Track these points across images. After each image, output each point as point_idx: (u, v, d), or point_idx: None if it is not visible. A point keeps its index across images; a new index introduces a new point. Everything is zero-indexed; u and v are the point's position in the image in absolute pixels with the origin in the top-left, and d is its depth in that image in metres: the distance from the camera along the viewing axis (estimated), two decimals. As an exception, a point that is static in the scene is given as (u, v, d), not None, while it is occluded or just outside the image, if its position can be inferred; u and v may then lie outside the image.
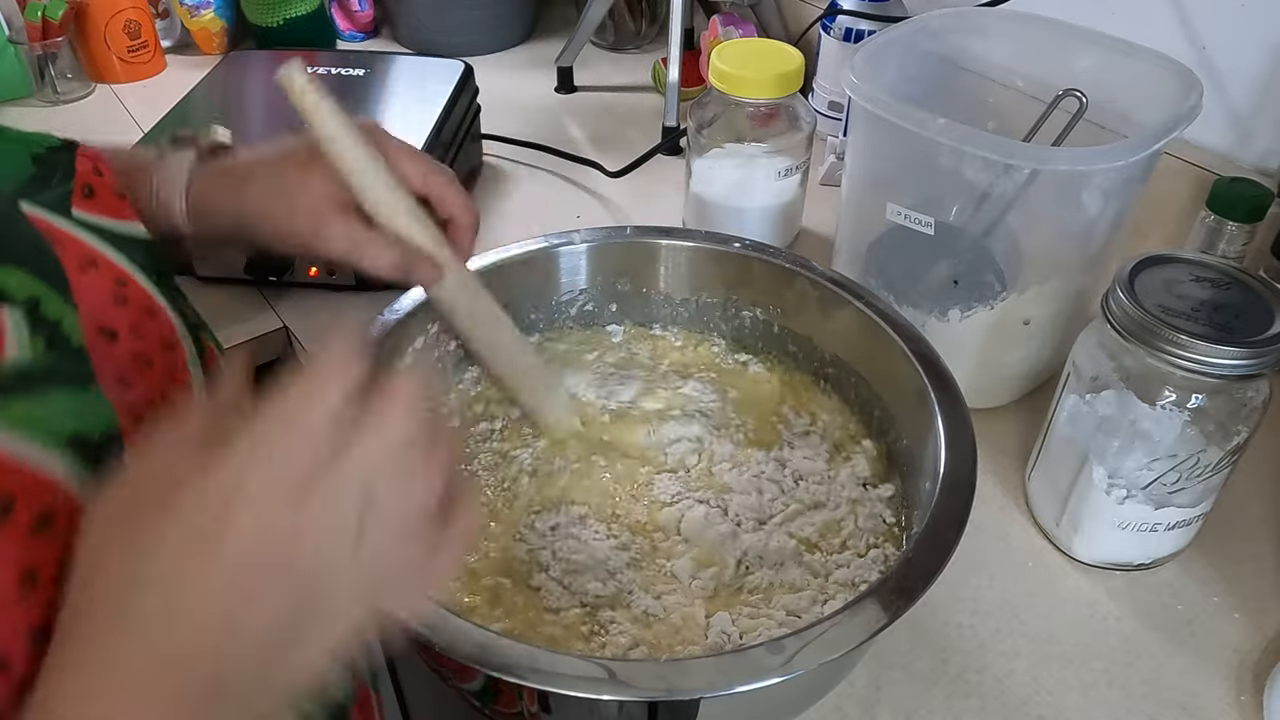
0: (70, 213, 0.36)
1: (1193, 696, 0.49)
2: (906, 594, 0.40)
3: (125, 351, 0.35)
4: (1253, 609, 0.53)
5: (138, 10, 1.04)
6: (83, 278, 0.34)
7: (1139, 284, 0.49)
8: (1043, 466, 0.57)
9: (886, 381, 0.55)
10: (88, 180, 0.38)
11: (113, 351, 0.34)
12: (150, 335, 0.36)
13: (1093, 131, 0.61)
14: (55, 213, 0.35)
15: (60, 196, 0.36)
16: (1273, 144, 0.70)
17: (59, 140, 0.38)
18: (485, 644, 0.38)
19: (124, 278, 0.37)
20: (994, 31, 0.68)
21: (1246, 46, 0.69)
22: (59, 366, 0.31)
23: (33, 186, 0.36)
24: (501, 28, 1.16)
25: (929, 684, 0.50)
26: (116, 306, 0.35)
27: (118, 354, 0.34)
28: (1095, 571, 0.55)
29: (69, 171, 0.37)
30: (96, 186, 0.38)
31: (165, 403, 0.36)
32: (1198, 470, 0.50)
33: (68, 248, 0.35)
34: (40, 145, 0.38)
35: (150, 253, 0.39)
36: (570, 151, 0.91)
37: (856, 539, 0.51)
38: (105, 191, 0.39)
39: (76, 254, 0.35)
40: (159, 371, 0.36)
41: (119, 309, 0.35)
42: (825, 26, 0.90)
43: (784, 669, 0.37)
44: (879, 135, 0.62)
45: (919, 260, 0.63)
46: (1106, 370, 0.51)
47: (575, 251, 0.61)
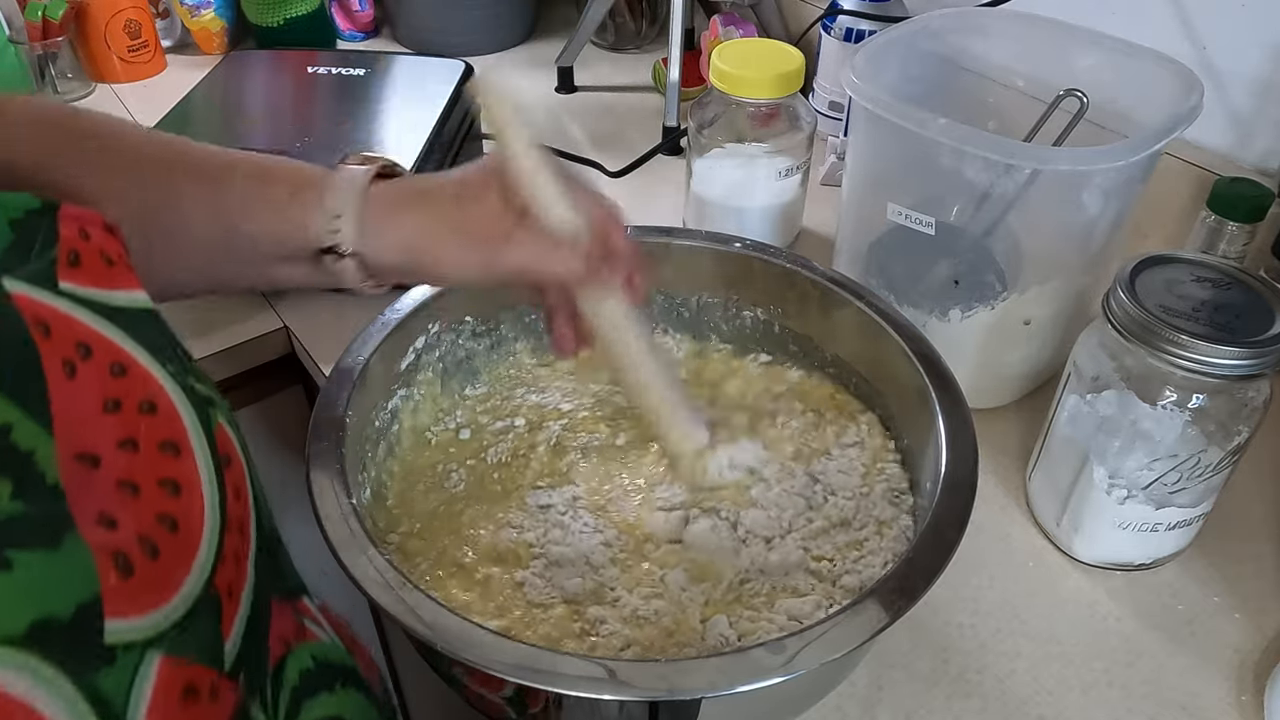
0: (57, 286, 0.32)
1: (1193, 696, 0.49)
2: (908, 594, 0.40)
3: (108, 478, 0.30)
4: (1253, 609, 0.53)
5: (138, 10, 1.04)
6: (69, 384, 0.30)
7: (1140, 284, 0.49)
8: (1043, 466, 0.57)
9: (887, 381, 0.55)
10: (73, 246, 0.34)
11: (93, 481, 0.30)
12: (146, 442, 0.32)
13: (1093, 132, 0.61)
14: (42, 288, 0.31)
15: (44, 268, 0.32)
16: (1273, 144, 0.70)
17: (39, 202, 0.34)
18: (486, 644, 0.38)
19: (122, 363, 0.33)
20: (995, 32, 0.68)
21: (1247, 46, 0.69)
22: (26, 519, 0.27)
23: (12, 258, 0.32)
24: (502, 28, 1.16)
25: (930, 684, 0.50)
26: (105, 415, 0.31)
27: (99, 484, 0.30)
28: (1096, 571, 0.55)
29: (51, 237, 0.33)
30: (83, 253, 0.34)
31: (157, 534, 0.31)
32: (1198, 470, 0.50)
33: (59, 332, 0.31)
34: (18, 209, 0.33)
35: (153, 324, 0.36)
36: (570, 151, 0.91)
37: (875, 555, 0.50)
38: (93, 258, 0.34)
39: (69, 341, 0.31)
40: (149, 498, 0.32)
41: (107, 420, 0.31)
42: (826, 26, 0.90)
43: (785, 669, 0.37)
44: (880, 135, 0.62)
45: (920, 260, 0.63)
46: (1107, 370, 0.51)
47: (576, 251, 0.61)
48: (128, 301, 0.35)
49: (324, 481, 0.45)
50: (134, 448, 0.32)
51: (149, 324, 0.35)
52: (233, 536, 0.35)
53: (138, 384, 0.33)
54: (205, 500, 0.34)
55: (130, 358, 0.33)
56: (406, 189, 0.46)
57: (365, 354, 0.51)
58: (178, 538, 0.32)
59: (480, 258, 0.45)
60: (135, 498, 0.31)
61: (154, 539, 0.31)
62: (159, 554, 0.31)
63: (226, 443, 0.36)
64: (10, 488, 0.27)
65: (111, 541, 0.29)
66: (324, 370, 0.67)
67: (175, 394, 0.34)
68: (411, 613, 0.39)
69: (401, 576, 0.40)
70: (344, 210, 0.44)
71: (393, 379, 0.55)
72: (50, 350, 0.30)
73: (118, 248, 0.36)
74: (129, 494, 0.31)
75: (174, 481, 0.33)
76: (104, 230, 0.35)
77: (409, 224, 0.45)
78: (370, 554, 0.41)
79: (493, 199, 0.45)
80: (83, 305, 0.33)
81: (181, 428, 0.34)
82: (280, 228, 0.45)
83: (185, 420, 0.34)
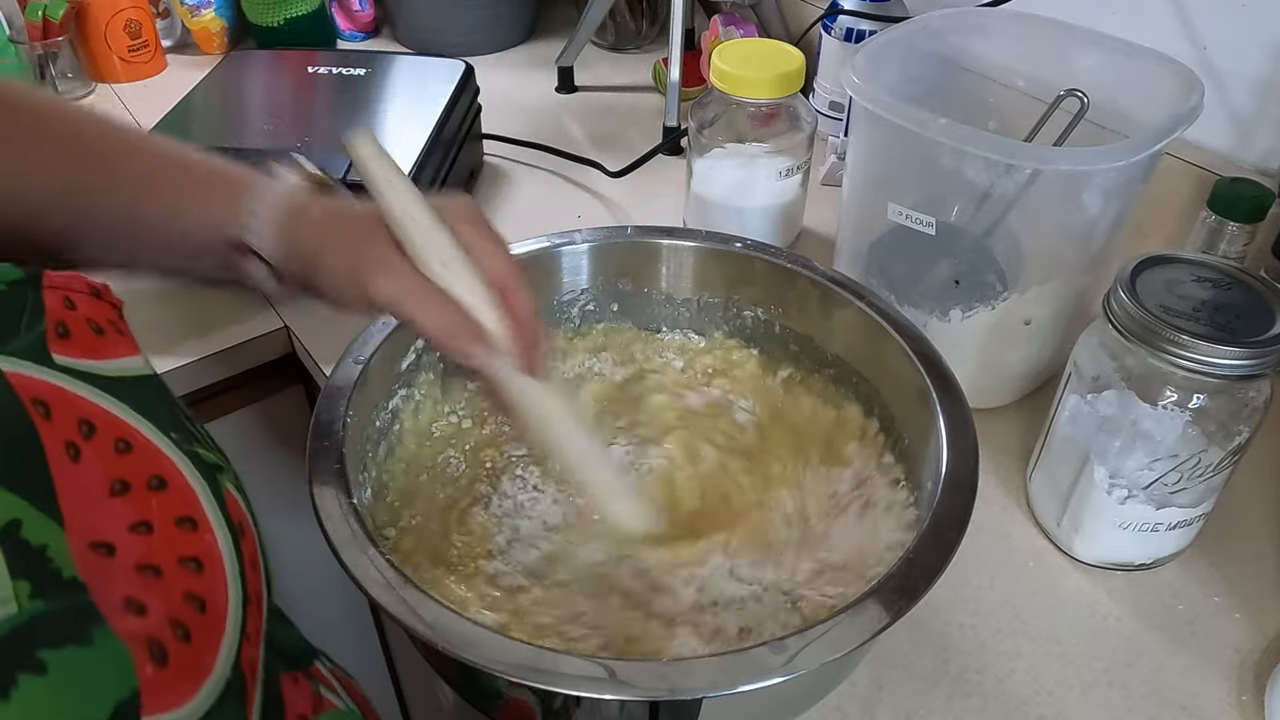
0: (52, 360, 0.31)
1: (1193, 696, 0.49)
2: (908, 594, 0.40)
3: (127, 564, 0.29)
4: (1254, 609, 0.53)
5: (138, 10, 1.04)
6: (74, 469, 0.28)
7: (1140, 284, 0.49)
8: (1044, 466, 0.57)
9: (888, 381, 0.55)
10: (59, 317, 0.32)
11: (111, 570, 0.28)
12: (160, 520, 0.31)
13: (1094, 132, 0.61)
14: (36, 363, 0.30)
15: (35, 341, 0.31)
16: (1273, 144, 0.70)
17: (20, 272, 0.32)
18: (486, 644, 0.38)
19: (126, 438, 0.31)
20: (995, 32, 0.68)
21: (1247, 47, 0.69)
22: (51, 616, 0.25)
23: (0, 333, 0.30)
24: (502, 28, 1.16)
25: (930, 684, 0.50)
26: (114, 499, 0.29)
27: (118, 571, 0.28)
28: (1096, 571, 0.55)
29: (38, 309, 0.31)
30: (70, 323, 0.32)
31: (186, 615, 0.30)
32: (1199, 470, 0.50)
33: (59, 412, 0.29)
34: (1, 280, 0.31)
35: (151, 391, 0.34)
36: (571, 151, 0.91)
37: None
38: (81, 328, 0.33)
39: (70, 419, 0.29)
40: (172, 578, 0.30)
41: (116, 503, 0.29)
42: (826, 26, 0.90)
43: (786, 668, 0.37)
44: (880, 135, 0.62)
45: (920, 260, 0.63)
46: (1108, 370, 0.51)
47: (576, 251, 0.61)
48: (122, 370, 0.33)
49: (324, 481, 0.44)
50: (148, 529, 0.30)
51: (148, 391, 0.34)
52: (253, 610, 0.33)
53: (144, 459, 0.31)
54: (227, 574, 0.32)
55: (133, 431, 0.32)
56: (323, 201, 0.45)
57: (366, 354, 0.51)
58: (206, 617, 0.30)
59: (352, 280, 0.43)
60: (159, 579, 0.29)
61: (184, 620, 0.29)
62: (191, 636, 0.29)
63: (238, 511, 0.35)
64: (29, 587, 0.25)
65: (143, 629, 0.28)
66: (324, 370, 0.67)
67: (183, 464, 0.33)
68: (412, 612, 0.39)
69: (402, 576, 0.40)
70: (260, 210, 0.44)
71: (393, 379, 0.55)
72: (51, 433, 0.28)
73: (107, 313, 0.34)
74: (151, 577, 0.29)
75: (195, 558, 0.31)
76: (89, 296, 0.34)
77: (308, 231, 0.44)
78: (370, 553, 0.41)
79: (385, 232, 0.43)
80: (79, 378, 0.31)
81: (195, 500, 0.33)
82: (202, 217, 0.45)
83: (197, 491, 0.33)
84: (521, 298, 0.44)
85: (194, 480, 0.33)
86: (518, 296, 0.44)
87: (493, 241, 0.45)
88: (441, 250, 0.42)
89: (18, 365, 0.29)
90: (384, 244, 0.42)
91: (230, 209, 0.44)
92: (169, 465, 0.32)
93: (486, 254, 0.44)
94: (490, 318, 0.43)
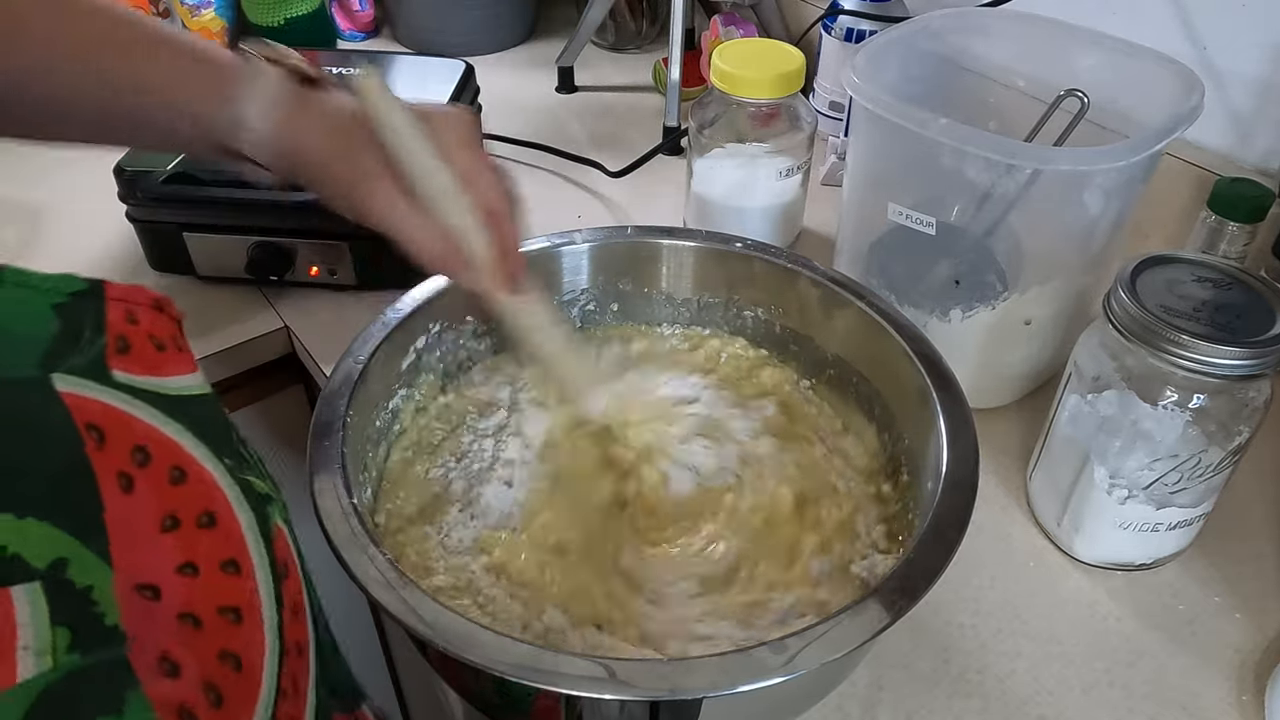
0: (111, 377, 0.29)
1: (1194, 696, 0.49)
2: (909, 594, 0.40)
3: (169, 612, 0.27)
4: (1254, 609, 0.53)
5: (138, 10, 1.04)
6: (126, 502, 0.27)
7: (1140, 284, 0.49)
8: (1044, 466, 0.57)
9: (888, 381, 0.55)
10: (121, 330, 0.30)
11: (154, 616, 0.26)
12: (206, 563, 0.29)
13: (1094, 132, 0.61)
14: (95, 381, 0.28)
15: (95, 358, 0.29)
16: (1273, 144, 0.70)
17: (84, 283, 0.30)
18: (487, 644, 0.38)
19: (181, 466, 0.29)
20: (995, 32, 0.68)
21: (1247, 47, 0.69)
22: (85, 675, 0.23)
23: (60, 349, 0.28)
24: (502, 28, 1.16)
25: (930, 684, 0.50)
26: (164, 536, 0.28)
27: (160, 619, 0.27)
28: (1096, 571, 0.55)
29: (100, 322, 0.30)
30: (132, 338, 0.31)
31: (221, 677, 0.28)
32: (1199, 470, 0.50)
33: (114, 437, 0.28)
34: (62, 292, 0.29)
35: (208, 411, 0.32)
36: (571, 151, 0.91)
37: None
38: (142, 343, 0.31)
39: (126, 446, 0.28)
40: (211, 631, 0.28)
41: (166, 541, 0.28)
42: (826, 26, 0.90)
43: (786, 668, 0.37)
44: (880, 135, 0.62)
45: (920, 260, 0.63)
46: (1108, 370, 0.51)
47: (577, 251, 0.61)
48: (181, 389, 0.32)
49: (325, 481, 0.45)
50: (194, 572, 0.28)
51: (205, 412, 0.32)
52: (291, 662, 0.32)
53: (197, 492, 0.30)
54: (265, 625, 0.30)
55: (189, 458, 0.30)
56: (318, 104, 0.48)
57: (366, 354, 0.51)
58: (241, 677, 0.29)
59: (350, 196, 0.47)
60: (198, 632, 0.27)
61: (218, 684, 0.27)
62: (223, 701, 0.27)
63: (285, 550, 0.33)
64: (68, 637, 0.23)
65: (175, 694, 0.26)
66: (324, 370, 0.67)
67: (234, 497, 0.31)
68: (412, 612, 0.39)
69: (402, 576, 0.40)
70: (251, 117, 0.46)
71: (394, 379, 0.55)
72: (105, 463, 0.27)
73: (168, 328, 0.33)
74: (190, 628, 0.27)
75: (235, 608, 0.29)
76: (151, 310, 0.32)
77: (306, 141, 0.47)
78: (371, 553, 0.41)
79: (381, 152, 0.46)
80: (138, 398, 0.29)
81: (241, 540, 0.31)
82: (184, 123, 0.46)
83: (244, 529, 0.31)
84: (508, 226, 0.49)
85: (242, 514, 0.31)
86: (506, 224, 0.48)
87: (488, 169, 0.48)
88: (438, 184, 0.47)
89: (76, 385, 0.28)
90: (383, 164, 0.46)
91: (219, 113, 0.45)
92: (220, 499, 0.31)
93: (480, 180, 0.48)
94: (480, 243, 0.48)
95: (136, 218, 0.71)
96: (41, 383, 0.27)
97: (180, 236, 0.71)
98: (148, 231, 0.72)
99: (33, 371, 0.27)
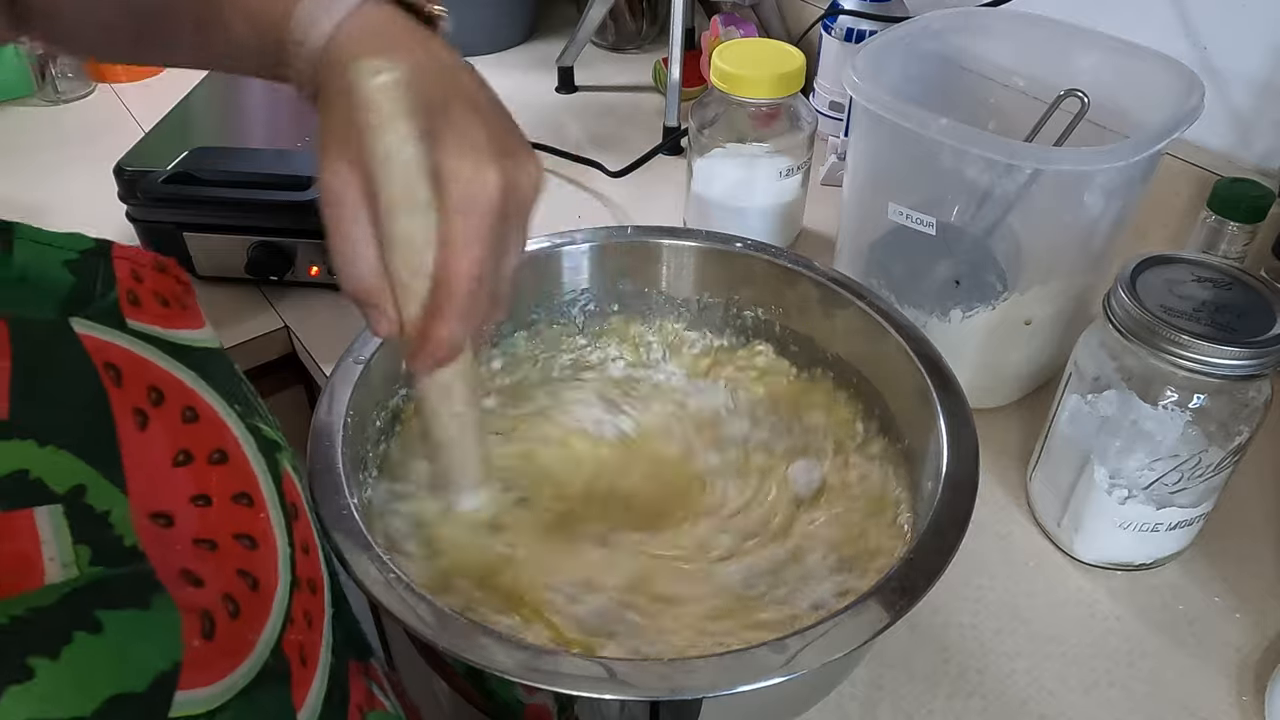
0: (125, 324, 0.31)
1: (1194, 696, 0.49)
2: (909, 594, 0.40)
3: (184, 536, 0.29)
4: (1254, 609, 0.53)
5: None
6: (140, 437, 0.28)
7: (1140, 284, 0.49)
8: (1044, 466, 0.57)
9: (888, 381, 0.55)
10: (130, 286, 0.32)
11: (169, 540, 0.28)
12: (219, 495, 0.30)
13: (1094, 132, 0.61)
14: (111, 327, 0.30)
15: (110, 306, 0.31)
16: (1274, 144, 0.70)
17: (92, 241, 0.32)
18: (486, 644, 0.38)
19: (194, 407, 0.31)
20: (996, 32, 0.68)
21: (1247, 46, 0.69)
22: (111, 580, 0.25)
23: (77, 298, 0.30)
24: (502, 28, 1.16)
25: (930, 684, 0.50)
26: (176, 470, 0.29)
27: (176, 542, 0.28)
28: (1096, 571, 0.55)
29: (109, 277, 0.32)
30: (140, 294, 0.32)
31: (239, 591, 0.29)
32: (1199, 470, 0.50)
33: (130, 376, 0.29)
34: (73, 250, 0.31)
35: (219, 362, 0.34)
36: (571, 151, 0.91)
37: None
38: (149, 299, 0.33)
39: (141, 385, 0.29)
40: (227, 553, 0.30)
41: (179, 474, 0.29)
42: (826, 26, 0.90)
43: (786, 668, 0.37)
44: (880, 135, 0.62)
45: (921, 260, 0.63)
46: (1108, 370, 0.51)
47: (577, 251, 0.61)
48: (190, 340, 0.33)
49: (325, 481, 0.45)
50: (207, 503, 0.30)
51: (214, 362, 0.34)
52: (303, 595, 0.33)
53: (208, 431, 0.31)
54: (279, 555, 0.32)
55: (201, 400, 0.32)
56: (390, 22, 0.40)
57: (366, 354, 0.51)
58: (258, 595, 0.30)
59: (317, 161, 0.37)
60: (214, 554, 0.29)
61: (236, 597, 0.29)
62: (240, 613, 0.29)
63: (294, 492, 0.35)
64: (89, 553, 0.25)
65: (199, 600, 0.28)
66: (324, 370, 0.67)
67: (244, 439, 0.33)
68: (412, 612, 0.39)
69: (402, 576, 0.40)
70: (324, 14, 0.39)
71: (393, 379, 0.55)
72: (121, 399, 0.29)
73: (173, 288, 0.34)
74: (207, 550, 0.29)
75: (249, 535, 0.31)
76: (154, 270, 0.34)
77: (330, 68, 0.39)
78: (371, 553, 0.41)
79: None
80: (151, 343, 0.31)
81: (253, 477, 0.32)
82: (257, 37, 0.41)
83: (255, 468, 0.33)
84: (447, 308, 0.37)
85: (253, 456, 0.33)
86: (446, 302, 0.37)
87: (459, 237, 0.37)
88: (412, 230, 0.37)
89: (93, 329, 0.29)
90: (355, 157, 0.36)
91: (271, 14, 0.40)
92: (231, 438, 0.32)
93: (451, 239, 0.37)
94: (413, 306, 0.38)
95: (136, 218, 0.72)
96: (62, 325, 0.28)
97: (180, 236, 0.71)
98: (148, 231, 0.72)
99: (53, 315, 0.28)
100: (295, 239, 0.71)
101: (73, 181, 0.84)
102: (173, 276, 0.34)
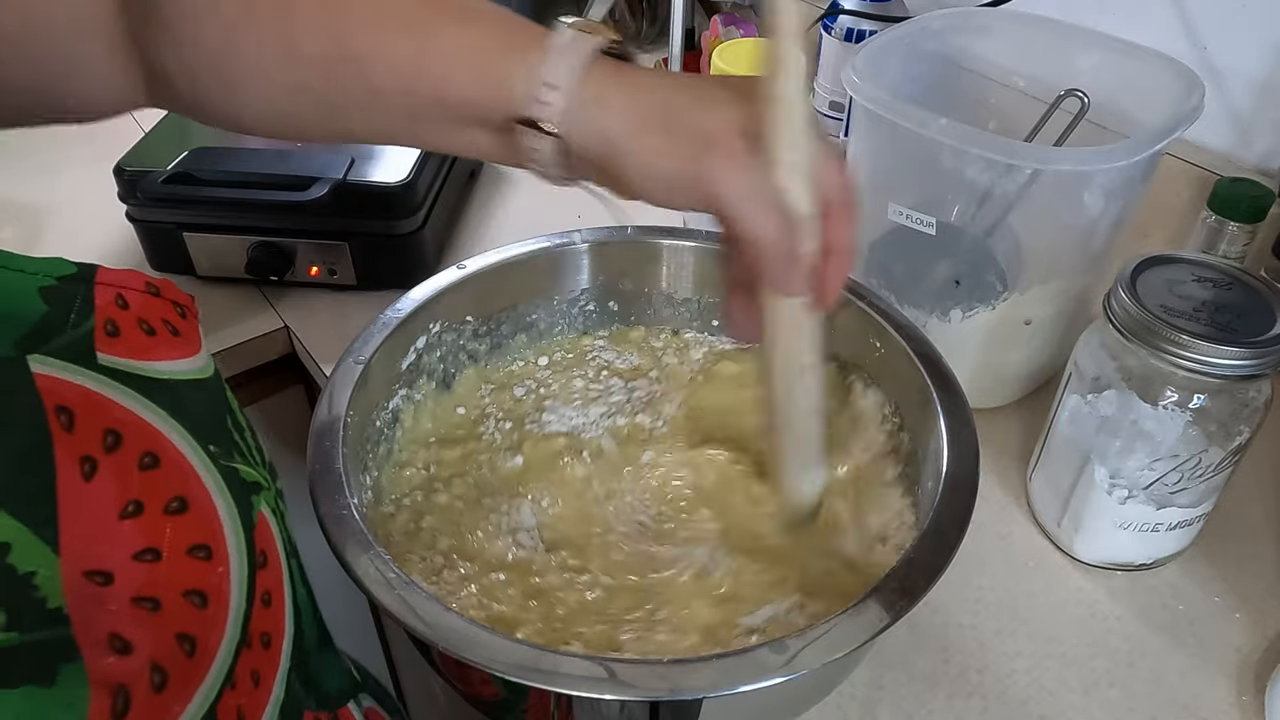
0: (95, 360, 0.29)
1: (1194, 696, 0.49)
2: (909, 594, 0.40)
3: (122, 595, 0.27)
4: (1254, 609, 0.53)
5: None
6: (83, 490, 0.27)
7: (1141, 284, 0.49)
8: (1044, 467, 0.57)
9: (888, 381, 0.55)
10: (110, 315, 0.30)
11: (104, 600, 0.27)
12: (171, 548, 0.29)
13: (1094, 131, 0.61)
14: (76, 364, 0.28)
15: (79, 340, 0.29)
16: (1274, 144, 0.70)
17: (74, 266, 0.30)
18: (487, 644, 0.38)
19: (155, 452, 0.29)
20: (995, 32, 0.68)
21: (1247, 46, 0.69)
22: (17, 651, 0.24)
23: (43, 331, 0.28)
24: (502, 27, 1.16)
25: (930, 684, 0.50)
26: (122, 523, 0.28)
27: (110, 603, 0.27)
28: (1097, 571, 0.55)
29: (88, 306, 0.30)
30: (121, 322, 0.31)
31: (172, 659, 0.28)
32: (1199, 470, 0.50)
33: (85, 419, 0.28)
34: (50, 276, 0.29)
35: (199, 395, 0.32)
36: (571, 151, 0.91)
37: None
38: (131, 328, 0.31)
39: (97, 429, 0.28)
40: (171, 613, 0.28)
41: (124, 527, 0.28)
42: (826, 26, 0.90)
43: (786, 668, 0.37)
44: (880, 135, 0.62)
45: (921, 260, 0.63)
46: (1108, 370, 0.51)
47: (577, 251, 0.61)
48: (172, 372, 0.31)
49: (325, 481, 0.45)
50: (156, 557, 0.28)
51: (196, 396, 0.32)
52: (252, 653, 0.32)
53: (169, 477, 0.30)
54: (230, 613, 0.31)
55: (166, 442, 0.30)
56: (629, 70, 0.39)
57: (366, 354, 0.51)
58: (193, 661, 0.29)
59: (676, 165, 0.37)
60: (155, 614, 0.28)
61: (166, 665, 0.28)
62: (166, 684, 0.28)
63: (266, 538, 0.33)
64: (4, 617, 0.24)
65: (119, 671, 0.26)
66: (324, 370, 0.67)
67: (212, 484, 0.31)
68: (412, 612, 0.39)
69: (402, 576, 0.40)
70: (559, 80, 0.37)
71: (394, 379, 0.55)
72: (68, 447, 0.27)
73: (162, 312, 0.33)
74: (147, 611, 0.28)
75: (200, 592, 0.30)
76: (145, 293, 0.32)
77: (618, 108, 0.37)
78: (371, 553, 0.41)
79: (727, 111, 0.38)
80: (120, 380, 0.30)
81: (215, 526, 0.31)
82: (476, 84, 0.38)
83: (221, 515, 0.31)
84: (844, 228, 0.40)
85: (221, 501, 0.31)
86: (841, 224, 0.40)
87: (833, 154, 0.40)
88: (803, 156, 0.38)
89: (52, 367, 0.28)
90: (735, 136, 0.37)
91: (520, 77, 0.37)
92: (195, 484, 0.31)
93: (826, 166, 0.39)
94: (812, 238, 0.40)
95: (136, 218, 0.72)
96: (15, 363, 0.27)
97: (180, 236, 0.71)
98: (148, 231, 0.72)
99: (7, 352, 0.27)
100: (295, 239, 0.71)
101: (73, 182, 0.84)
102: (168, 300, 0.33)
